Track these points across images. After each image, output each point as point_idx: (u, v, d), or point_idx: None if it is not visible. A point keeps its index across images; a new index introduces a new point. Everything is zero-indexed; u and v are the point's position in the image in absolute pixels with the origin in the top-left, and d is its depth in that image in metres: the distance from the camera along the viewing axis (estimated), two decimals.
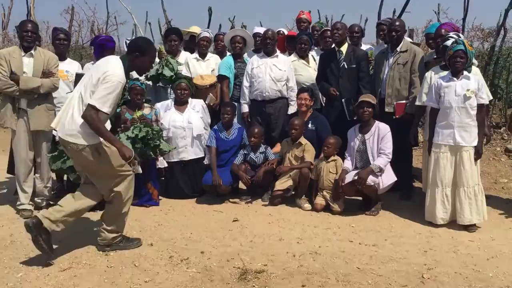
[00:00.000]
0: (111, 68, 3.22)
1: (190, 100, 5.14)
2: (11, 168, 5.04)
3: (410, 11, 8.32)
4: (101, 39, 5.40)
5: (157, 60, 5.10)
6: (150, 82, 5.42)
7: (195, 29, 6.05)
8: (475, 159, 4.11)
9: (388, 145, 4.49)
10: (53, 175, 4.81)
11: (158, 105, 5.14)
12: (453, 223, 4.13)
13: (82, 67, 5.36)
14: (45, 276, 3.17)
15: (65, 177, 5.02)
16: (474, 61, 4.91)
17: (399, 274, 3.17)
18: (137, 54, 3.33)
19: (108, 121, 3.53)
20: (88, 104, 3.14)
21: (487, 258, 3.46)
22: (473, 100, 4.04)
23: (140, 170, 3.95)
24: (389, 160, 4.49)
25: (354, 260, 3.41)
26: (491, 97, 4.52)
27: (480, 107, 4.10)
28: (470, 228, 4.05)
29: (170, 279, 3.12)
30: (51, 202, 4.57)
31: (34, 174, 4.54)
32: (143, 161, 4.49)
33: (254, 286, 3.02)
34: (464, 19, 8.20)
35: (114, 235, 3.56)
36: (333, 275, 3.15)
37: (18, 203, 4.47)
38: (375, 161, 4.46)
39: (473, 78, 4.10)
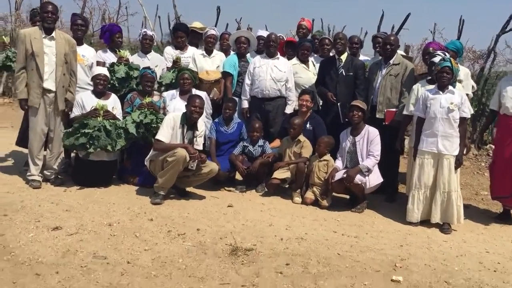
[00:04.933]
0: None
1: (193, 90, 5.37)
2: (20, 141, 5.29)
3: (408, 28, 8.64)
4: (107, 26, 5.79)
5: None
6: None
7: (197, 25, 6.32)
8: (455, 167, 4.44)
9: (376, 148, 4.82)
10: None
11: (164, 94, 5.44)
12: (430, 224, 4.46)
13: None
14: (54, 238, 3.48)
15: (72, 154, 5.34)
16: (473, 84, 5.33)
17: (374, 262, 3.50)
18: (187, 105, 4.74)
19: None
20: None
21: (456, 255, 3.80)
22: (456, 113, 4.39)
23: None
24: (377, 161, 4.82)
25: (335, 247, 3.74)
26: (472, 112, 4.86)
27: (462, 120, 4.45)
28: (444, 229, 4.39)
29: (167, 250, 3.43)
30: (59, 176, 4.88)
31: (46, 148, 4.81)
32: (145, 144, 4.84)
33: (243, 261, 3.34)
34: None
35: None
36: (315, 258, 3.48)
37: (28, 173, 4.72)
38: (363, 162, 4.80)
39: (457, 93, 4.45)
